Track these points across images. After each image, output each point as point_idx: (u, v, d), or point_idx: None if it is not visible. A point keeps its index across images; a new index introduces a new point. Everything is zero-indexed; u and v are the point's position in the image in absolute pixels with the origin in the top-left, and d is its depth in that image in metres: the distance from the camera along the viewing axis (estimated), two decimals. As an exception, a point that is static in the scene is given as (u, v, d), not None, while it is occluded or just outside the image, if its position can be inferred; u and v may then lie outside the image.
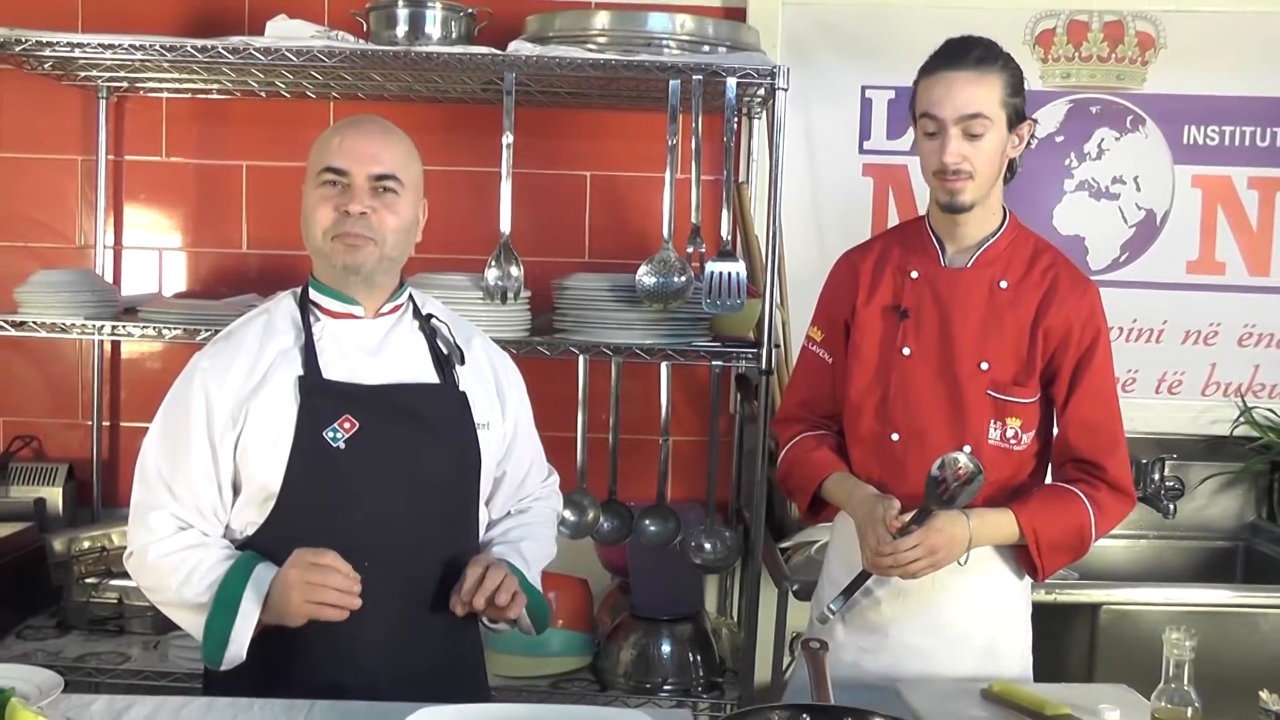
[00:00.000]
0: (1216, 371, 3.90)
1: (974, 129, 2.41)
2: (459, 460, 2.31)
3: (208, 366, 2.26)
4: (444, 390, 2.33)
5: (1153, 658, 1.92)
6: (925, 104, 2.45)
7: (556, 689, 3.29)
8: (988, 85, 2.42)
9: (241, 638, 2.14)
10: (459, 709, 1.95)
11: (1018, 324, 2.50)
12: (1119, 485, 2.51)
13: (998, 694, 2.23)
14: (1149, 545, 3.87)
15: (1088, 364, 2.50)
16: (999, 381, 2.49)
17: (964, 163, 2.42)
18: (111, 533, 3.43)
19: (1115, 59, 3.83)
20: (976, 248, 2.54)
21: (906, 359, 2.53)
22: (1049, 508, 2.48)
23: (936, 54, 2.49)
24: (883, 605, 2.54)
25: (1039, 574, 2.51)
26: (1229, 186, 3.84)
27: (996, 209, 2.56)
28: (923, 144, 2.49)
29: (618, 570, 3.61)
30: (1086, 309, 2.52)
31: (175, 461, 2.24)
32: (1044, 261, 2.56)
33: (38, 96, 3.78)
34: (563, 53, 3.16)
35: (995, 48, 2.48)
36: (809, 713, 2.00)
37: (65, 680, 2.18)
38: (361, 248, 2.25)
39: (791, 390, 2.78)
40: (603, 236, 3.83)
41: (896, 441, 2.53)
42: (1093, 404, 2.51)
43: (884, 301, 2.58)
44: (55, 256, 3.80)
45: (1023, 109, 2.49)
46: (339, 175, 2.25)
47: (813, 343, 2.71)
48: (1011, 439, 2.50)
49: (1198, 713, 1.83)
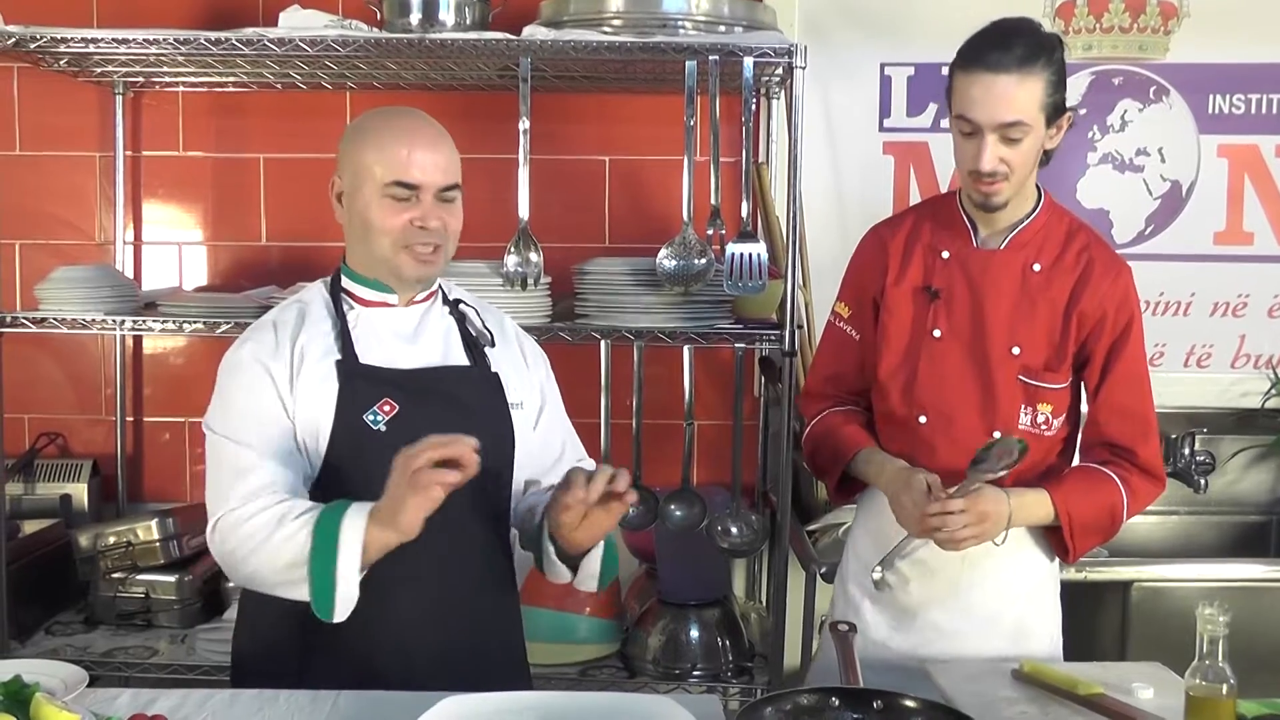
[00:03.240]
0: (1246, 343, 3.86)
1: (1013, 135, 2.34)
2: (494, 440, 2.28)
3: (255, 349, 2.24)
4: (477, 372, 2.33)
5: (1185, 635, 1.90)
6: (962, 105, 2.36)
7: (585, 676, 3.29)
8: (1029, 89, 2.32)
9: (349, 572, 2.03)
10: (484, 697, 1.94)
11: (1051, 308, 2.46)
12: (1151, 469, 2.49)
13: (1029, 674, 2.21)
14: (1180, 521, 3.85)
15: (1122, 348, 2.47)
16: (1031, 367, 2.45)
17: (1000, 166, 2.36)
18: (137, 527, 3.43)
19: (1137, 29, 3.79)
20: (1010, 229, 2.50)
21: (937, 341, 2.49)
22: (1082, 490, 2.45)
23: (978, 45, 2.36)
24: (911, 585, 2.52)
25: (1070, 555, 2.49)
26: (1256, 155, 3.80)
27: (1031, 192, 2.51)
28: (958, 140, 2.42)
29: (644, 556, 3.60)
30: (1120, 293, 2.48)
31: (251, 430, 2.18)
32: (1078, 243, 2.51)
33: (54, 94, 3.79)
34: (578, 36, 3.14)
35: (1040, 39, 2.37)
36: (838, 695, 1.98)
37: (94, 675, 2.19)
38: (434, 262, 2.27)
39: (817, 366, 2.74)
40: (622, 220, 3.81)
41: (924, 424, 2.49)
42: (1126, 389, 2.48)
43: (915, 281, 2.54)
44: (75, 253, 3.81)
45: (1063, 102, 2.41)
46: (412, 190, 2.23)
47: (839, 319, 2.67)
48: (1042, 424, 2.47)
49: (1233, 689, 1.80)
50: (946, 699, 2.10)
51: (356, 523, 2.03)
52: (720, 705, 2.10)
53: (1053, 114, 2.39)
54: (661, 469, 3.43)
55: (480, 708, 1.92)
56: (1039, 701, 2.13)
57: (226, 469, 2.19)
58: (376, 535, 2.03)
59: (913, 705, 1.95)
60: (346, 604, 2.05)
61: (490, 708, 1.93)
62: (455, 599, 2.26)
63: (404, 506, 1.98)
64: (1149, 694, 2.10)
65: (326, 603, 2.05)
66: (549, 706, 1.97)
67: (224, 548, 2.17)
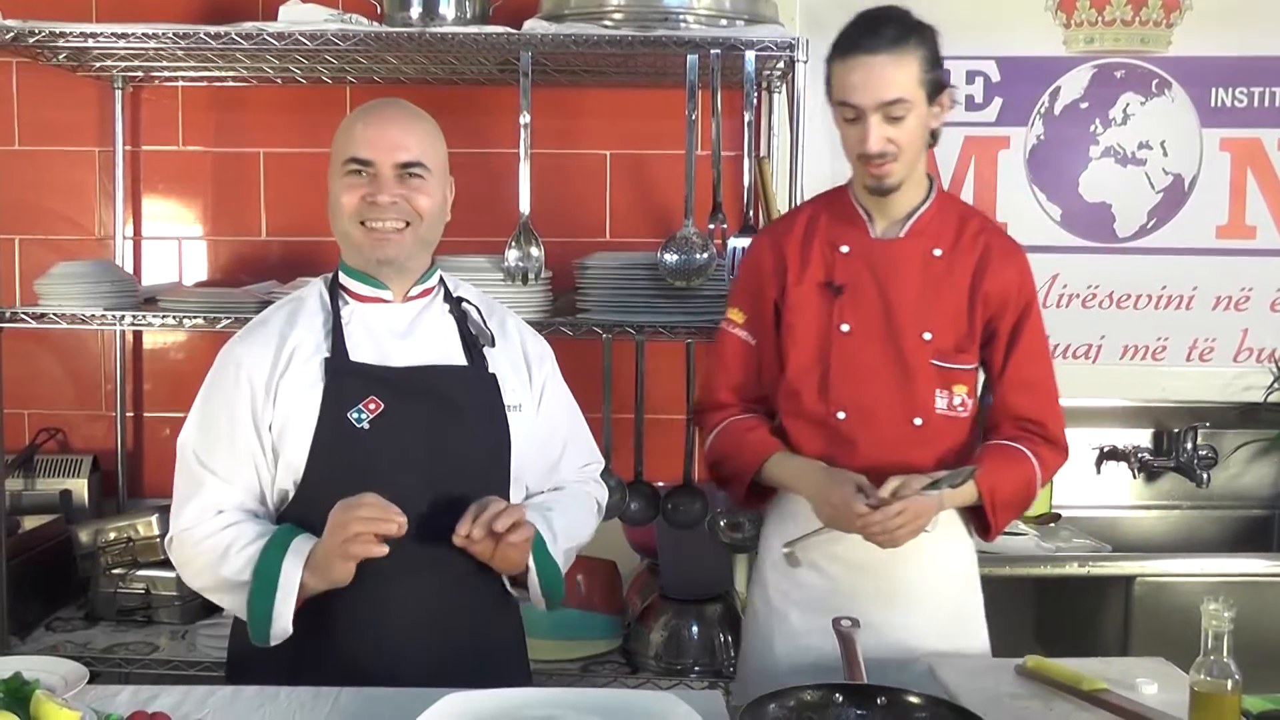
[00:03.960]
0: (1249, 337, 3.85)
1: (895, 113, 2.37)
2: (488, 442, 2.29)
3: (241, 351, 2.26)
4: (472, 372, 2.31)
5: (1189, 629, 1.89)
6: (842, 91, 2.40)
7: (587, 672, 3.28)
8: (905, 67, 2.37)
9: (285, 610, 2.12)
10: (485, 694, 1.93)
11: (955, 291, 2.49)
12: (1057, 440, 2.55)
13: (1032, 669, 2.21)
14: (1183, 516, 3.84)
15: (1024, 325, 2.52)
16: (942, 350, 2.48)
17: (888, 146, 2.39)
18: (137, 523, 3.43)
19: (1139, 22, 3.78)
20: (906, 218, 2.52)
21: (847, 335, 2.50)
22: (1001, 467, 2.48)
23: (848, 34, 2.42)
24: (842, 587, 2.50)
25: (991, 532, 2.53)
26: (1259, 148, 3.79)
27: (922, 179, 2.53)
28: (843, 128, 2.45)
29: (646, 551, 3.59)
30: (1019, 273, 2.53)
31: (215, 447, 2.23)
32: (973, 227, 2.54)
33: (53, 89, 3.78)
34: (579, 30, 3.13)
35: (909, 21, 2.42)
36: (842, 692, 1.98)
37: (94, 671, 2.18)
38: (391, 240, 2.25)
39: (716, 375, 2.69)
40: (623, 215, 3.80)
41: (843, 420, 2.49)
42: (1031, 364, 2.53)
43: (816, 278, 2.54)
44: (74, 248, 3.80)
45: (941, 79, 2.45)
46: (364, 165, 2.23)
47: (733, 325, 2.64)
48: (958, 405, 2.50)
49: (1238, 685, 1.79)
50: (950, 695, 2.10)
51: (293, 570, 2.12)
52: (723, 701, 2.10)
53: (933, 91, 2.42)
54: (663, 464, 3.42)
55: (482, 705, 1.91)
56: (1043, 697, 2.12)
57: (184, 481, 2.28)
58: (310, 580, 2.13)
59: (916, 701, 1.95)
60: (281, 636, 2.15)
61: (492, 705, 1.92)
62: (452, 600, 2.25)
63: (333, 565, 2.10)
64: (1153, 689, 2.10)
65: (262, 635, 2.15)
66: (551, 703, 1.96)
67: (178, 561, 2.29)
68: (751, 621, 2.68)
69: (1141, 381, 3.86)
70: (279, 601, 2.11)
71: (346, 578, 2.10)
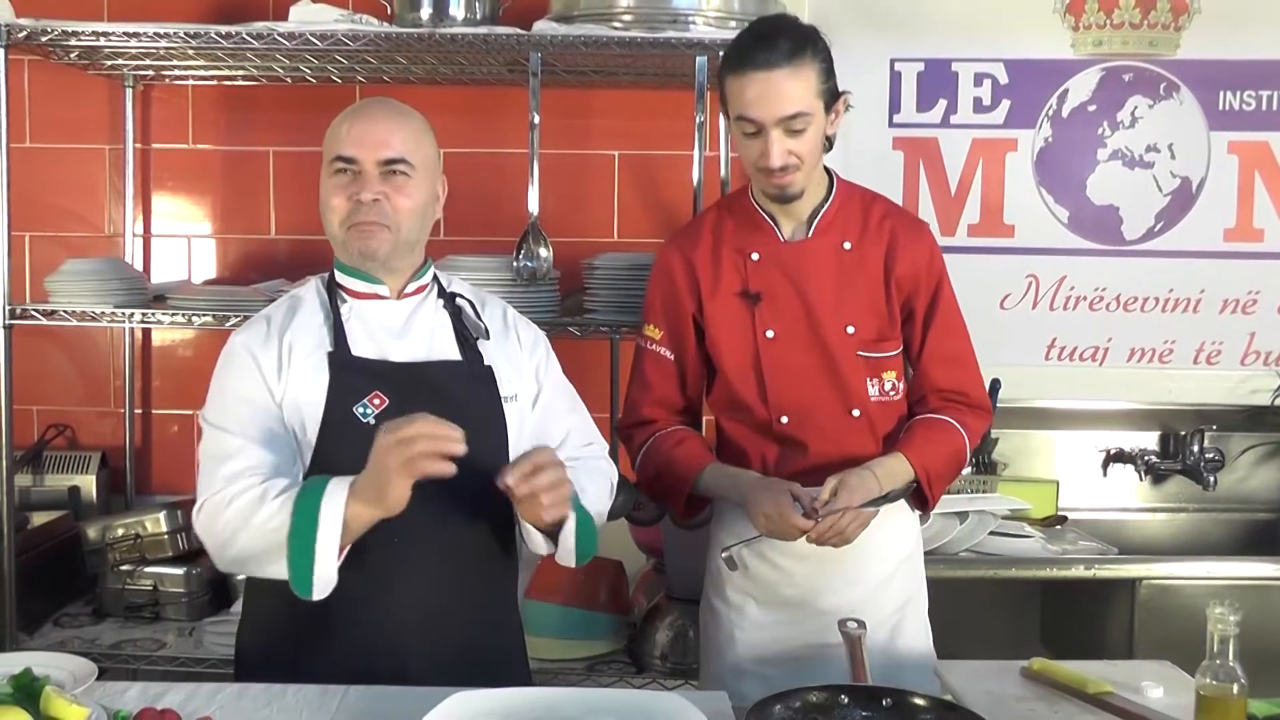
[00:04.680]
0: (1256, 340, 3.85)
1: (795, 126, 2.39)
2: (485, 435, 2.28)
3: (245, 338, 2.27)
4: (467, 367, 2.32)
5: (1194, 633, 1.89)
6: (740, 106, 2.40)
7: (593, 671, 3.28)
8: (803, 80, 2.38)
9: (328, 553, 2.03)
10: (492, 693, 1.94)
11: (870, 281, 2.53)
12: (981, 404, 2.61)
13: (1037, 671, 2.21)
14: (1189, 518, 3.84)
15: (938, 301, 2.57)
16: (866, 340, 2.53)
17: (790, 159, 2.41)
18: (145, 520, 3.44)
19: (1148, 25, 3.77)
20: (811, 218, 2.54)
21: (772, 341, 2.53)
22: (932, 442, 2.55)
23: (743, 47, 2.42)
24: (797, 578, 2.54)
25: (929, 505, 2.58)
26: (1267, 152, 3.79)
27: (822, 177, 2.56)
28: (742, 142, 2.46)
29: (652, 551, 3.59)
30: (927, 250, 2.58)
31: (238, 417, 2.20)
32: (877, 213, 2.58)
33: (65, 87, 3.79)
34: (588, 31, 3.14)
35: (803, 31, 2.43)
36: (847, 693, 1.98)
37: (101, 667, 2.19)
38: (375, 234, 2.25)
39: (637, 391, 2.69)
40: (632, 216, 3.81)
41: (787, 423, 2.53)
42: (947, 337, 2.59)
43: (733, 288, 2.56)
44: (84, 246, 3.81)
45: (836, 89, 2.46)
46: (349, 163, 2.24)
47: (651, 341, 2.66)
48: (890, 390, 2.57)
49: (1244, 689, 1.80)
50: (955, 697, 2.10)
51: (336, 500, 2.03)
52: (729, 702, 2.10)
53: (829, 100, 2.45)
54: (670, 464, 3.42)
55: (488, 704, 1.91)
56: (1048, 699, 2.13)
57: (212, 455, 2.21)
58: (359, 511, 2.04)
59: (922, 703, 1.96)
60: (325, 584, 2.05)
61: (498, 704, 1.92)
62: (453, 594, 2.26)
63: (391, 484, 1.99)
64: (1158, 693, 2.10)
65: (305, 582, 2.05)
66: (556, 702, 1.96)
67: (209, 530, 2.17)
68: (710, 619, 2.71)
69: (1148, 384, 3.86)
70: (321, 542, 2.02)
71: (402, 502, 2.00)
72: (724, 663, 2.63)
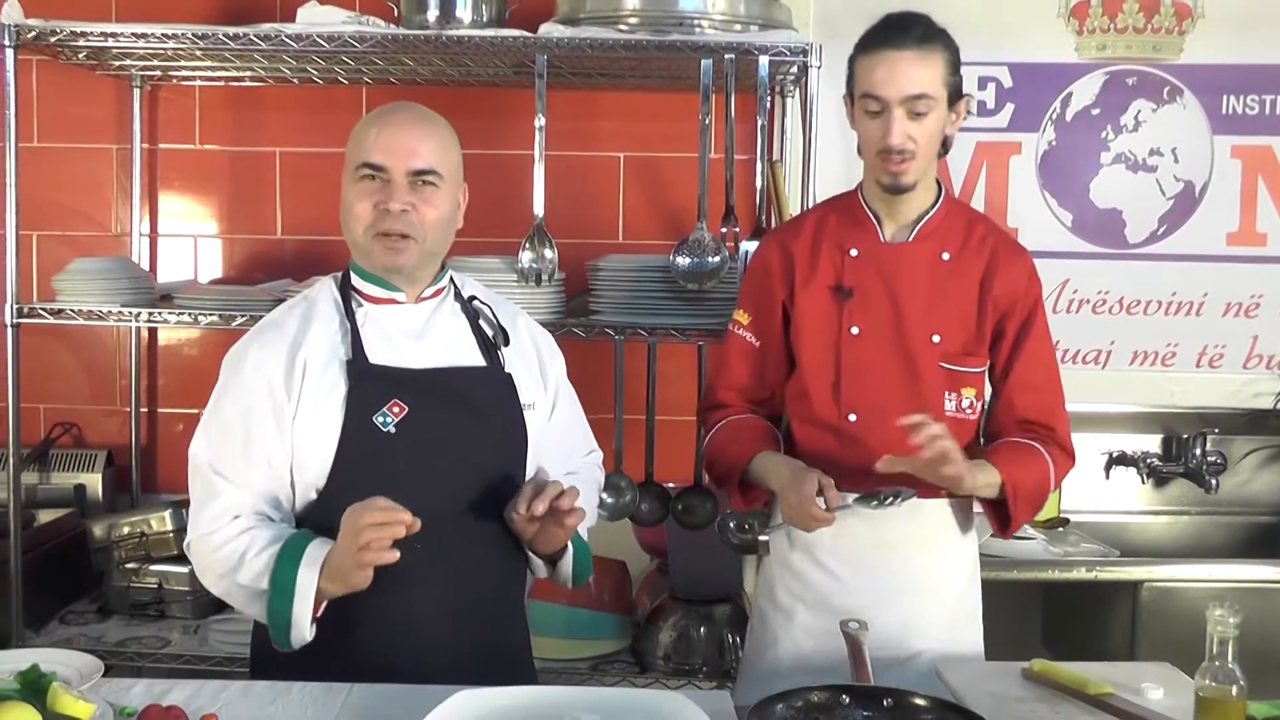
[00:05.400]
0: (1259, 344, 3.86)
1: (918, 109, 2.40)
2: (506, 442, 2.30)
3: (256, 353, 2.24)
4: (490, 372, 2.32)
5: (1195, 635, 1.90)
6: (868, 84, 2.42)
7: (596, 671, 3.29)
8: (931, 64, 2.40)
9: (303, 618, 2.09)
10: (496, 691, 1.95)
11: (963, 294, 2.52)
12: (1066, 446, 2.56)
13: (1038, 673, 2.22)
14: (1191, 521, 3.85)
15: (1030, 327, 2.54)
16: (951, 353, 2.50)
17: (909, 142, 2.41)
18: (150, 518, 3.45)
19: (1151, 30, 3.78)
20: (915, 222, 2.54)
21: (856, 338, 2.52)
22: (1020, 461, 2.50)
23: (876, 31, 2.46)
24: (851, 588, 2.52)
25: (1011, 526, 2.53)
26: (1270, 156, 3.80)
27: (933, 183, 2.56)
28: (864, 123, 2.47)
29: (656, 552, 3.60)
30: (1026, 275, 2.55)
31: (229, 452, 2.21)
32: (979, 231, 2.57)
33: (73, 87, 3.80)
34: (594, 34, 3.15)
35: (935, 25, 2.46)
36: (849, 693, 1.99)
37: (107, 664, 2.20)
38: (403, 250, 2.23)
39: (720, 375, 2.71)
40: (637, 218, 3.82)
41: (854, 422, 2.52)
42: (1037, 367, 2.55)
43: (826, 281, 2.55)
44: (92, 245, 3.83)
45: (961, 86, 2.48)
46: (377, 171, 2.22)
47: (739, 326, 2.67)
48: (966, 408, 2.53)
49: (1243, 691, 1.80)
50: (957, 697, 2.11)
51: (308, 580, 2.09)
52: (731, 702, 2.11)
53: (953, 94, 2.46)
54: (674, 465, 3.43)
55: (492, 702, 1.93)
56: (1048, 701, 2.13)
57: (198, 487, 2.25)
58: (326, 587, 2.10)
59: (923, 703, 1.96)
60: (301, 640, 2.13)
61: (502, 702, 1.93)
62: (470, 599, 2.27)
63: (351, 573, 2.06)
64: (1159, 694, 2.11)
65: (284, 641, 2.13)
66: (560, 702, 1.97)
67: (197, 566, 2.27)
68: (757, 621, 2.69)
69: (1151, 387, 3.86)
70: (296, 610, 2.09)
71: (365, 583, 2.06)
72: (763, 665, 2.60)
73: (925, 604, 2.53)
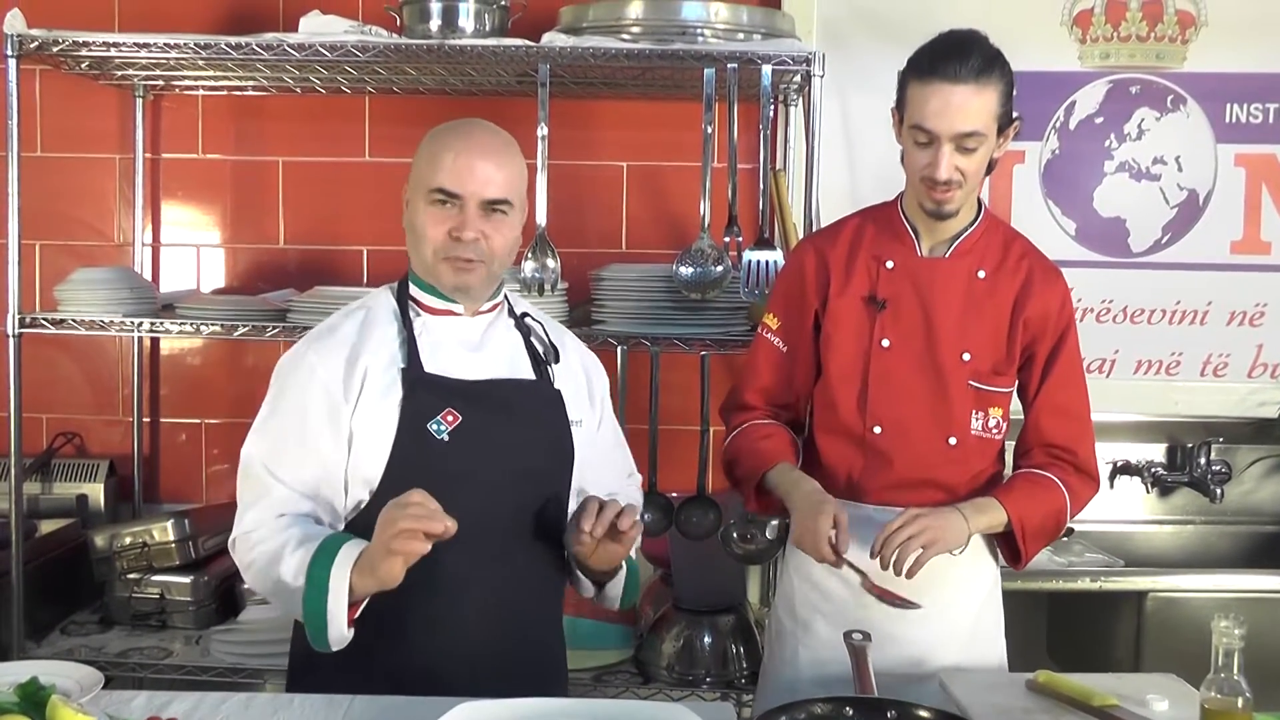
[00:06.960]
0: (1263, 353, 3.85)
1: (969, 144, 2.38)
2: (554, 455, 2.32)
3: (315, 358, 2.24)
4: (540, 387, 2.33)
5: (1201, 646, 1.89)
6: (919, 115, 2.38)
7: (600, 681, 3.29)
8: (985, 99, 2.36)
9: (339, 615, 2.07)
10: (499, 703, 1.94)
11: (997, 313, 2.50)
12: (1088, 470, 2.54)
13: (1043, 684, 2.21)
14: (1196, 531, 3.84)
15: (1061, 348, 2.53)
16: (980, 371, 2.49)
17: (955, 175, 2.39)
18: (153, 528, 3.44)
19: (1155, 38, 3.78)
20: (953, 239, 2.52)
21: (886, 351, 2.50)
22: (1031, 496, 2.49)
23: (933, 56, 2.40)
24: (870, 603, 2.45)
25: (1021, 560, 2.52)
26: (1273, 164, 3.79)
27: (974, 202, 2.54)
28: (911, 149, 2.44)
29: (659, 562, 3.60)
30: (1060, 297, 2.54)
31: (284, 454, 2.21)
32: (1016, 250, 2.55)
33: (76, 96, 3.81)
34: (597, 43, 3.15)
35: (992, 51, 2.41)
36: (852, 705, 1.98)
37: (108, 675, 2.20)
38: (472, 271, 2.25)
39: (746, 377, 2.70)
40: (639, 227, 3.82)
41: (879, 434, 2.50)
42: (1065, 389, 2.53)
43: (860, 292, 2.54)
44: (94, 254, 3.83)
45: (1012, 112, 2.46)
46: (451, 197, 2.22)
47: (768, 329, 2.66)
48: (993, 428, 2.52)
49: (1249, 702, 1.80)
50: (961, 709, 2.10)
51: (341, 576, 2.07)
52: (734, 713, 2.10)
53: (1004, 123, 2.44)
54: (677, 475, 3.43)
55: (495, 714, 1.92)
56: (1053, 712, 2.13)
57: (249, 487, 2.24)
58: (359, 582, 2.07)
59: (927, 715, 1.96)
60: (340, 641, 2.10)
61: (504, 715, 1.93)
62: (512, 608, 2.27)
63: (379, 564, 2.02)
64: (1164, 706, 2.10)
65: (322, 640, 2.10)
66: (563, 713, 1.97)
67: (240, 563, 2.26)
68: (776, 633, 2.68)
69: (1155, 396, 3.85)
70: (331, 607, 2.07)
71: (394, 578, 2.03)
72: (781, 680, 2.59)
73: (945, 620, 2.51)
